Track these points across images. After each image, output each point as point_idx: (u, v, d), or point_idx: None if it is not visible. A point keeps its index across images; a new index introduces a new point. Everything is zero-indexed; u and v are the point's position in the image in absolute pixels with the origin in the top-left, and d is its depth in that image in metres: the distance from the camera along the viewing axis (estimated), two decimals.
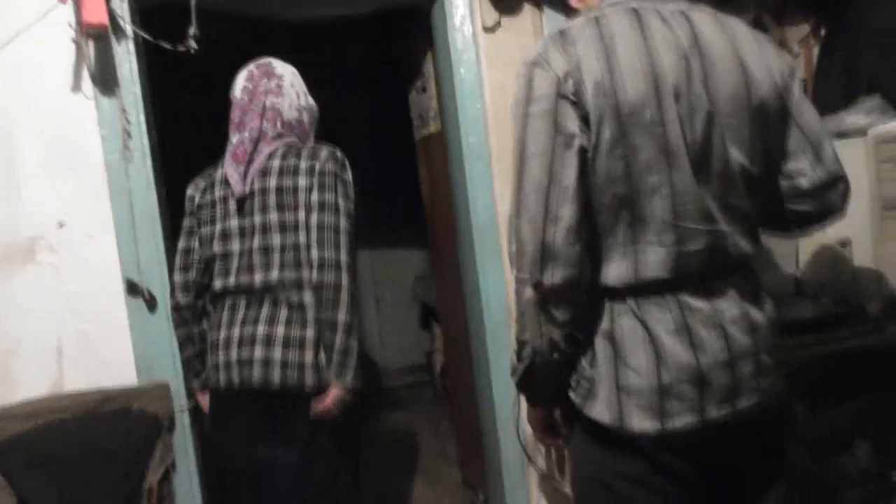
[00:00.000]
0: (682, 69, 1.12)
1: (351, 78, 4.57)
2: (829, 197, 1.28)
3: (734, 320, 1.16)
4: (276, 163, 1.83)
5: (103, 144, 2.07)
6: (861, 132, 1.97)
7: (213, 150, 2.00)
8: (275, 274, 1.79)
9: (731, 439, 1.17)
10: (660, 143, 1.11)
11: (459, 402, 3.00)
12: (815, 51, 2.48)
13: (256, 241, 1.82)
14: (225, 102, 1.95)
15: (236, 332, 1.82)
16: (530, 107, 1.12)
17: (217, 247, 1.87)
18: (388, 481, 3.27)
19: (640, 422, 1.12)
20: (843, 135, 2.02)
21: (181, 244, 1.94)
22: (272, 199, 1.81)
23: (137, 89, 2.09)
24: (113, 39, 2.05)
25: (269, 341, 1.78)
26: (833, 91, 2.32)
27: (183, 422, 2.15)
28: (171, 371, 2.12)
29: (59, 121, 2.05)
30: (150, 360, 2.11)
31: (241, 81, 1.91)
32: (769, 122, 1.20)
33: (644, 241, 1.13)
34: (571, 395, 1.21)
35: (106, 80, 2.06)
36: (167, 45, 2.05)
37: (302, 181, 1.80)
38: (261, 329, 1.79)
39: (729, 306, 1.16)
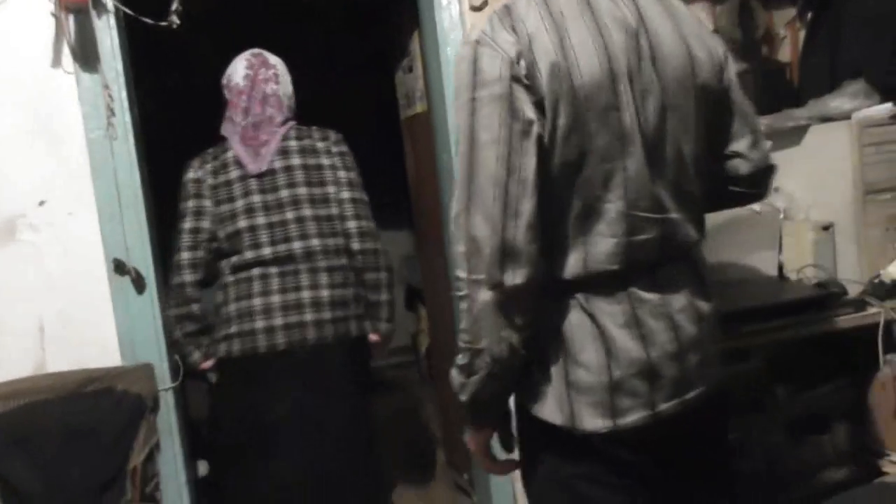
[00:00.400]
0: (633, 49, 1.07)
1: (337, 65, 4.54)
2: (765, 183, 1.32)
3: (682, 309, 1.13)
4: (293, 144, 2.06)
5: (84, 121, 2.04)
6: (845, 116, 1.98)
7: (190, 128, 1.98)
8: (315, 242, 2.02)
9: (680, 431, 1.14)
10: (615, 129, 1.06)
11: (444, 383, 3.01)
12: (801, 34, 2.48)
13: (290, 214, 2.02)
14: (203, 81, 1.94)
15: (276, 299, 1.99)
16: (479, 91, 1.03)
17: (242, 221, 2.01)
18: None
19: (592, 420, 1.08)
20: (827, 118, 2.03)
21: (188, 224, 2.03)
22: (299, 175, 2.04)
23: (119, 65, 2.06)
24: (93, 13, 2.01)
25: (317, 304, 2.01)
26: (818, 75, 2.32)
27: (167, 402, 2.14)
28: (154, 351, 2.11)
29: (38, 96, 2.02)
30: (133, 340, 2.09)
31: (240, 69, 2.07)
32: (711, 104, 1.16)
33: (595, 233, 1.08)
34: (519, 396, 1.16)
35: (86, 56, 2.02)
36: (149, 21, 2.01)
37: (324, 160, 2.07)
38: (306, 294, 2.00)
39: (677, 296, 1.13)
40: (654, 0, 1.13)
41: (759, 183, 1.31)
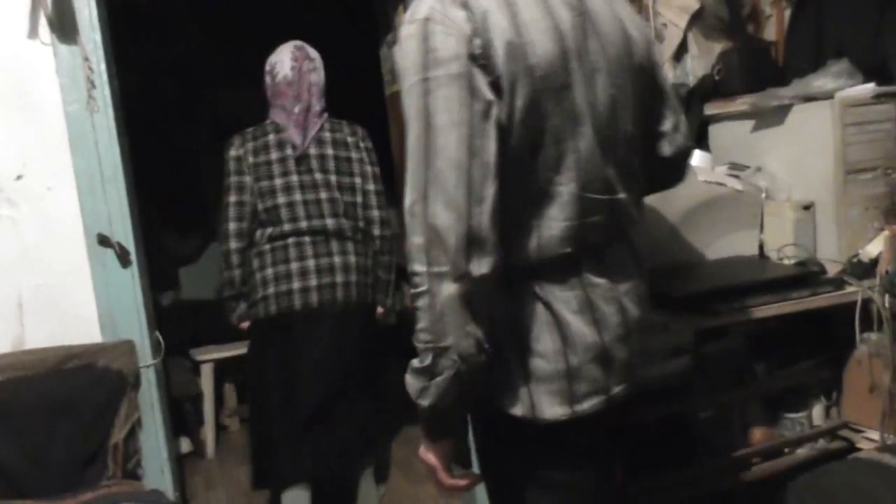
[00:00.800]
0: (579, 27, 1.05)
1: (323, 39, 4.49)
2: (684, 164, 1.32)
3: (627, 292, 1.13)
4: (327, 135, 2.36)
5: (62, 93, 2.00)
6: (828, 95, 1.99)
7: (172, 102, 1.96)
8: (343, 221, 2.35)
9: (624, 412, 1.18)
10: (567, 110, 1.04)
11: None
12: (787, 13, 2.48)
13: (323, 194, 2.33)
14: (186, 56, 1.91)
15: (311, 263, 2.30)
16: (434, 71, 0.96)
17: (281, 197, 2.29)
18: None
19: (552, 408, 1.07)
20: (810, 98, 2.03)
21: (233, 198, 2.29)
22: (332, 164, 2.35)
23: (98, 36, 2.02)
24: None
25: (346, 268, 2.34)
26: (803, 54, 2.33)
27: (149, 379, 2.13)
28: (135, 327, 2.10)
29: (14, 68, 1.98)
30: (113, 316, 2.08)
31: (287, 61, 2.33)
32: (645, 84, 1.17)
33: (547, 217, 1.05)
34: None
35: (64, 27, 1.98)
36: None
37: (353, 154, 2.39)
38: (337, 259, 2.33)
39: (623, 278, 1.13)
40: None
41: (679, 164, 1.32)
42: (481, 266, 0.97)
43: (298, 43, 2.38)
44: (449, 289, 0.95)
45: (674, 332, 1.74)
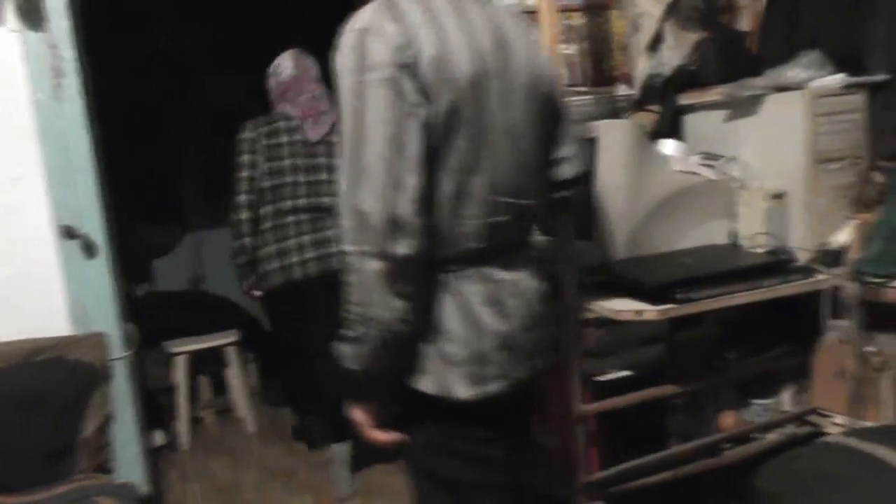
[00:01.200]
0: (498, 52, 1.19)
1: (303, 23, 4.46)
2: (584, 187, 1.48)
3: (531, 289, 1.28)
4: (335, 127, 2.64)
5: (30, 82, 1.96)
6: (800, 86, 2.01)
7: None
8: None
9: (526, 394, 1.34)
10: (484, 121, 1.17)
11: None
12: (762, 4, 2.50)
13: (324, 175, 2.64)
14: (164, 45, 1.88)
15: (307, 238, 2.61)
16: (367, 75, 1.09)
17: (288, 177, 2.60)
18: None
19: (462, 389, 1.19)
20: (783, 88, 2.05)
21: (245, 174, 2.60)
22: (336, 150, 2.56)
23: (66, 24, 1.98)
24: None
25: (340, 240, 2.37)
26: (777, 44, 2.34)
27: (121, 372, 2.10)
28: (106, 319, 2.07)
29: None
30: (85, 308, 2.05)
31: (289, 61, 2.68)
32: (549, 113, 1.31)
33: (462, 215, 1.17)
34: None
35: (32, 13, 1.94)
36: None
37: None
38: (330, 233, 2.61)
39: (527, 277, 1.27)
40: (504, 11, 1.28)
41: (577, 186, 1.46)
42: (402, 248, 1.08)
43: (296, 49, 2.69)
44: (373, 266, 1.08)
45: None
